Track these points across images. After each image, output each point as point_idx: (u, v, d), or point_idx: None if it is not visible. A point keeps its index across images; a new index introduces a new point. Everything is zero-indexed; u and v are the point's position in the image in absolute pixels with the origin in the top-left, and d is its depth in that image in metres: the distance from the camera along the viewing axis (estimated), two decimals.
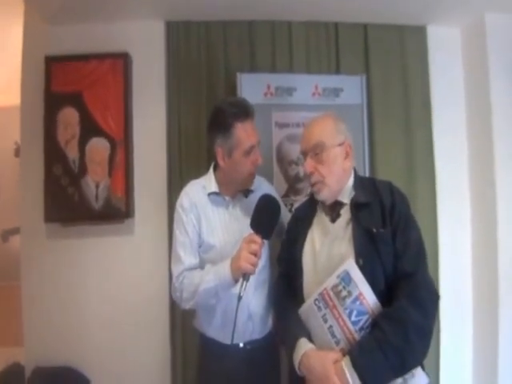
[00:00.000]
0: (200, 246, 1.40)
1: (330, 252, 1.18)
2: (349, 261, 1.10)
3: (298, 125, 1.92)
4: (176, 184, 1.90)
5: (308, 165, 1.24)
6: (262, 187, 1.49)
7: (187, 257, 1.37)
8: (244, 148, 1.33)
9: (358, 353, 1.03)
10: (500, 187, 1.93)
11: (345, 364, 1.03)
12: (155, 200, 1.96)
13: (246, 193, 1.45)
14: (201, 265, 1.38)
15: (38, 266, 1.90)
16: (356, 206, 1.19)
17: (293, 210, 1.75)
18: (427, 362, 1.12)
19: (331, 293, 1.10)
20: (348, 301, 1.07)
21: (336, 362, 1.05)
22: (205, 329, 1.44)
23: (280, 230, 1.43)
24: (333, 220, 1.23)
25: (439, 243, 2.04)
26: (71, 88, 1.94)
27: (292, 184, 1.91)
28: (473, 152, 2.11)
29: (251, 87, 1.88)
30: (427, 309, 1.07)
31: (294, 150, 1.89)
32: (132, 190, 1.96)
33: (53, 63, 1.93)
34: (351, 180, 1.27)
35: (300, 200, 1.84)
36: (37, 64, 1.92)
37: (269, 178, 1.70)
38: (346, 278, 1.08)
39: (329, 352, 1.09)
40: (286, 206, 1.83)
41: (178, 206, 1.42)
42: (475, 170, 2.09)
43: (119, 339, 1.90)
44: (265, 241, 1.24)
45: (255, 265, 1.19)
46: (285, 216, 1.47)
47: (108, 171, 1.93)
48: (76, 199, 1.91)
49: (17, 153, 2.60)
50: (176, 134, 1.99)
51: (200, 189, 1.43)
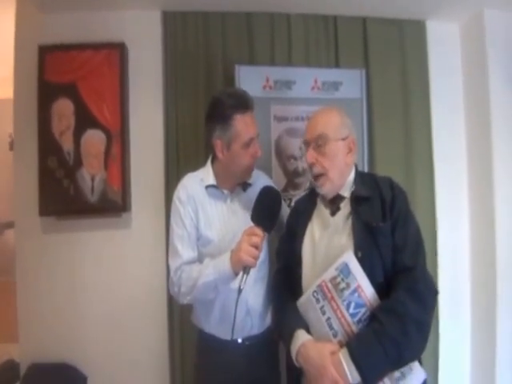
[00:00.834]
0: (198, 240, 1.37)
1: (330, 244, 1.18)
2: (348, 253, 1.10)
3: (297, 119, 1.90)
4: (174, 177, 1.87)
5: (309, 155, 1.23)
6: (261, 181, 1.46)
7: (185, 250, 1.34)
8: (243, 140, 1.31)
9: (356, 344, 1.04)
10: (498, 182, 1.95)
11: (342, 355, 1.04)
12: (152, 193, 1.94)
13: (245, 186, 1.43)
14: (199, 259, 1.36)
15: (33, 261, 1.87)
16: (356, 200, 1.19)
17: (292, 204, 1.76)
18: (426, 357, 1.13)
19: (329, 285, 1.10)
20: (346, 293, 1.08)
21: (333, 354, 1.06)
22: (203, 324, 1.43)
23: (279, 225, 1.41)
24: (333, 213, 1.24)
25: (437, 238, 2.05)
26: (65, 78, 1.89)
27: (291, 179, 1.90)
28: (471, 147, 2.13)
29: (250, 80, 1.85)
30: (426, 303, 1.07)
31: (293, 145, 1.88)
32: (129, 184, 1.93)
33: (46, 53, 1.88)
34: (352, 175, 1.27)
35: (299, 194, 1.84)
36: (30, 53, 1.87)
37: (267, 173, 1.68)
38: (345, 270, 1.09)
39: (326, 343, 1.09)
40: (285, 201, 1.82)
41: (175, 199, 1.39)
42: (473, 165, 2.11)
43: (116, 335, 1.88)
44: (265, 234, 1.22)
45: (256, 257, 1.17)
46: (284, 211, 1.45)
47: (104, 164, 1.89)
48: (71, 192, 1.87)
49: (11, 146, 2.55)
50: (173, 127, 1.96)
51: (198, 181, 1.41)
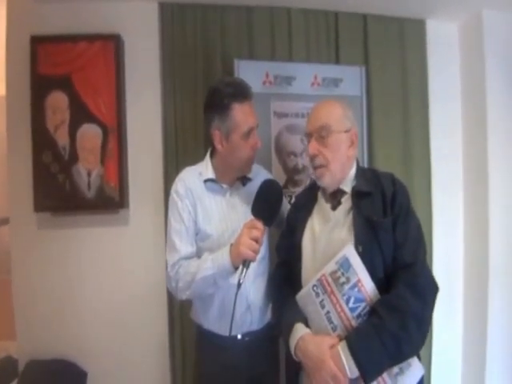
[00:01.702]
0: (197, 234, 1.35)
1: (330, 239, 1.18)
2: (348, 247, 1.10)
3: (297, 115, 1.89)
4: (172, 173, 1.84)
5: (312, 146, 1.22)
6: (261, 176, 1.44)
7: (183, 245, 1.32)
8: (242, 130, 1.29)
9: (355, 338, 1.04)
10: (492, 180, 1.98)
11: (341, 349, 1.04)
12: (151, 189, 1.91)
13: (244, 181, 1.41)
14: (198, 254, 1.34)
15: (29, 257, 1.83)
16: (357, 195, 1.19)
17: (293, 201, 1.76)
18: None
19: (329, 279, 1.10)
20: (346, 287, 1.08)
21: (332, 347, 1.06)
22: (201, 320, 1.42)
23: (280, 221, 1.40)
24: (333, 207, 1.23)
25: (433, 233, 2.09)
26: (59, 71, 1.83)
27: (291, 175, 1.89)
28: (467, 146, 2.15)
29: (249, 75, 1.81)
30: (426, 299, 1.08)
31: (293, 141, 1.88)
32: (126, 179, 1.90)
33: (39, 44, 1.81)
34: (353, 169, 1.27)
35: (299, 191, 1.83)
36: (22, 44, 1.80)
37: (267, 169, 1.67)
38: (345, 264, 1.08)
39: (325, 337, 1.09)
40: (285, 198, 1.81)
41: (173, 192, 1.37)
42: (469, 164, 2.14)
43: (116, 331, 1.87)
44: (266, 228, 1.21)
45: (256, 251, 1.15)
46: (285, 207, 1.44)
47: (100, 159, 1.85)
48: (67, 188, 1.83)
49: None
50: (172, 121, 1.93)
51: (196, 175, 1.38)
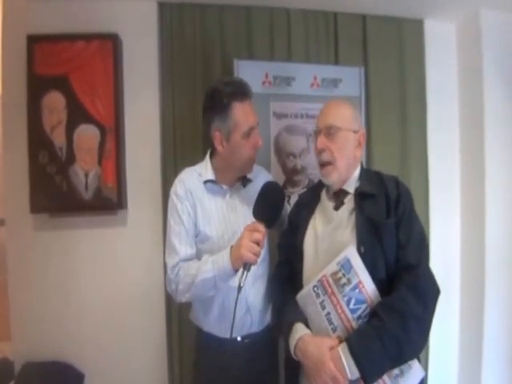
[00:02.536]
0: (196, 236, 1.34)
1: (332, 239, 1.18)
2: (350, 248, 1.10)
3: (297, 116, 1.89)
4: (171, 174, 1.83)
5: (319, 141, 1.22)
6: (261, 177, 1.44)
7: (183, 247, 1.31)
8: (243, 129, 1.28)
9: (356, 340, 1.04)
10: (489, 178, 1.98)
11: (341, 350, 1.04)
12: (149, 190, 1.90)
13: (244, 182, 1.40)
14: (197, 256, 1.33)
15: (25, 259, 1.80)
16: (360, 196, 1.19)
17: (290, 202, 1.75)
18: None
19: (330, 279, 1.10)
20: (347, 288, 1.07)
21: (332, 348, 1.05)
22: (201, 322, 1.41)
23: (280, 222, 1.39)
24: (336, 208, 1.23)
25: (430, 232, 2.09)
26: (56, 70, 1.80)
27: (289, 176, 1.89)
28: (464, 145, 2.16)
29: (249, 75, 1.79)
30: (427, 301, 1.08)
31: (293, 142, 1.87)
32: (124, 180, 1.88)
33: (36, 43, 1.78)
34: (357, 171, 1.27)
35: (297, 192, 1.84)
36: (18, 44, 1.78)
37: (266, 170, 1.64)
38: (347, 266, 1.08)
39: (325, 338, 1.09)
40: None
41: (172, 194, 1.36)
42: (466, 161, 2.15)
43: (113, 332, 1.85)
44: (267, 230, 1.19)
45: (258, 254, 1.14)
46: (285, 208, 1.42)
47: (98, 160, 1.83)
48: (64, 189, 1.80)
49: None
50: (170, 122, 1.91)
51: (196, 176, 1.37)
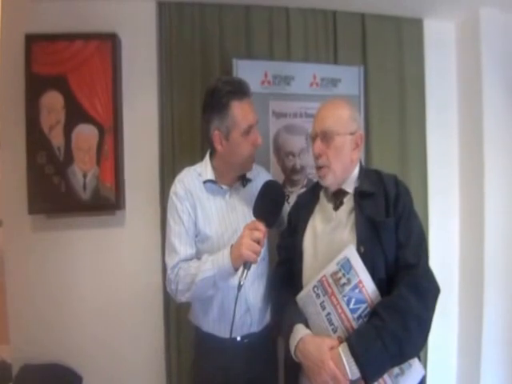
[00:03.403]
0: (196, 236, 1.34)
1: (332, 239, 1.18)
2: (349, 248, 1.10)
3: (296, 115, 1.88)
4: (169, 174, 1.83)
5: (317, 147, 1.22)
6: (261, 176, 1.44)
7: (182, 247, 1.31)
8: (242, 128, 1.28)
9: (356, 339, 1.03)
10: (488, 180, 1.98)
11: (342, 350, 1.03)
12: (147, 190, 1.89)
13: (244, 182, 1.41)
14: (197, 256, 1.33)
15: (23, 261, 1.79)
16: (360, 195, 1.19)
17: (289, 201, 1.75)
18: None
19: (330, 280, 1.10)
20: (347, 288, 1.07)
21: (333, 348, 1.05)
22: (200, 322, 1.40)
23: (280, 221, 1.39)
24: (336, 208, 1.23)
25: (429, 235, 2.08)
26: (55, 70, 1.80)
27: (289, 175, 1.88)
28: (463, 144, 2.16)
29: (248, 74, 1.78)
30: (428, 300, 1.08)
31: (292, 141, 1.87)
32: (122, 180, 1.87)
33: (34, 42, 1.78)
34: (356, 170, 1.27)
35: (296, 191, 1.83)
36: (16, 43, 1.77)
37: (265, 169, 1.64)
38: (346, 266, 1.08)
39: (325, 338, 1.09)
40: None
41: (172, 194, 1.35)
42: (465, 162, 2.15)
43: (112, 334, 1.84)
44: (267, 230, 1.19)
45: (258, 253, 1.14)
46: (284, 208, 1.41)
47: (96, 160, 1.82)
48: (62, 189, 1.80)
49: None
50: (169, 122, 1.90)
51: (195, 176, 1.37)
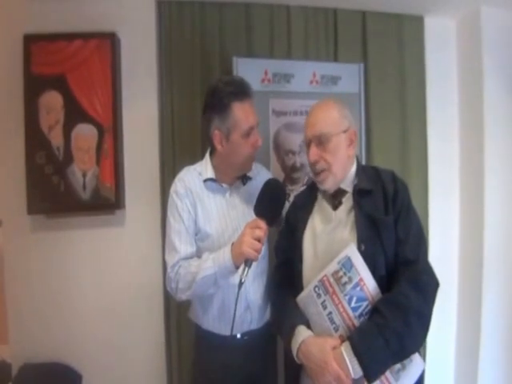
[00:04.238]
0: (197, 234, 1.34)
1: (332, 238, 1.17)
2: (350, 246, 1.10)
3: (296, 113, 1.87)
4: (169, 173, 1.83)
5: (312, 153, 1.21)
6: (261, 174, 1.44)
7: (183, 245, 1.31)
8: (243, 129, 1.28)
9: (358, 338, 1.03)
10: (488, 179, 1.98)
11: (344, 349, 1.03)
12: (147, 190, 1.88)
13: (244, 180, 1.40)
14: (197, 254, 1.33)
15: (22, 261, 1.79)
16: (359, 193, 1.18)
17: (289, 200, 1.74)
18: None
19: (331, 279, 1.10)
20: (348, 287, 1.07)
21: (335, 348, 1.05)
22: (200, 320, 1.41)
23: (280, 219, 1.38)
24: (335, 207, 1.23)
25: (429, 235, 2.08)
26: (53, 70, 1.79)
27: (289, 173, 1.87)
28: (464, 142, 2.16)
29: (248, 72, 1.78)
30: (428, 294, 1.08)
31: (292, 139, 1.86)
32: (122, 180, 1.86)
33: (33, 42, 1.77)
34: (354, 167, 1.26)
35: (296, 189, 1.82)
36: (15, 43, 1.76)
37: (265, 167, 1.64)
38: (347, 264, 1.08)
39: (327, 338, 1.08)
40: None
41: (172, 192, 1.36)
42: (466, 160, 2.15)
43: (112, 333, 1.84)
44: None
45: (259, 251, 1.14)
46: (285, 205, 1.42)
47: (96, 160, 1.82)
48: (62, 189, 1.79)
49: None
50: (169, 121, 1.90)
51: (195, 175, 1.38)
